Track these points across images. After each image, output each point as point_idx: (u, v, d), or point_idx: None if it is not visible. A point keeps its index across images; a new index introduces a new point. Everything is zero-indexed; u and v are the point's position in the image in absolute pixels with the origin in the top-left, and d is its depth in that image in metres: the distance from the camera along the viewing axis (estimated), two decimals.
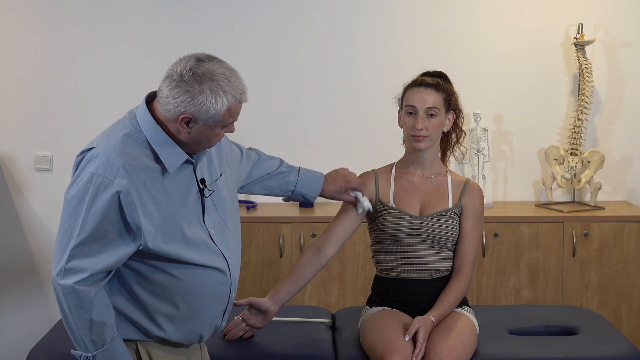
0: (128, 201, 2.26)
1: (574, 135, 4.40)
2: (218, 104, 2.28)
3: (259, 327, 2.93)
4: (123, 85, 4.45)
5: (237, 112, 2.35)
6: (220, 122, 2.31)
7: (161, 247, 2.33)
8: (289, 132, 4.50)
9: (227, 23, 4.45)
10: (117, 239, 2.29)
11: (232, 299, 2.52)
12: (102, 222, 2.26)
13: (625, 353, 2.88)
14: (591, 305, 4.17)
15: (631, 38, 4.50)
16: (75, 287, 2.26)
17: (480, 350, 2.88)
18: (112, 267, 2.31)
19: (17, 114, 4.44)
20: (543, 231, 4.18)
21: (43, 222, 4.48)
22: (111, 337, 2.34)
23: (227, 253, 2.48)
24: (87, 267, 2.27)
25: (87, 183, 2.27)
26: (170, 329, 2.43)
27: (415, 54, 4.45)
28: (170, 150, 2.34)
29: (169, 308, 2.41)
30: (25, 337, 4.39)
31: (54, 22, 4.41)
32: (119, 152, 2.29)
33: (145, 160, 2.32)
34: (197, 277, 2.40)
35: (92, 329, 2.30)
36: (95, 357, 2.33)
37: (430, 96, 2.93)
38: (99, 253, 2.27)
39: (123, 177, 2.26)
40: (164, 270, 2.37)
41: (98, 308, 2.30)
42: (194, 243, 2.39)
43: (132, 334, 2.42)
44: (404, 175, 3.02)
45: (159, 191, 2.33)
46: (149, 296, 2.39)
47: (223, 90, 2.28)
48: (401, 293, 2.96)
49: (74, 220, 2.27)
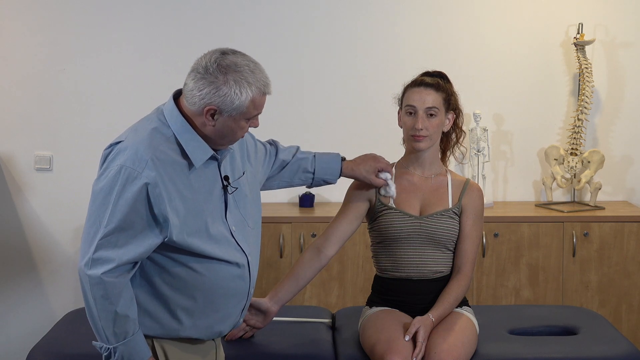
0: (156, 193, 2.30)
1: (574, 135, 4.40)
2: (242, 95, 2.31)
3: (259, 327, 2.94)
4: (123, 85, 4.45)
5: (262, 105, 2.38)
6: (244, 114, 2.34)
7: (185, 240, 2.36)
8: (289, 132, 4.50)
9: (227, 23, 4.45)
10: (144, 230, 2.31)
11: (250, 296, 2.54)
12: (130, 213, 2.29)
13: (625, 353, 2.88)
14: (591, 305, 4.18)
15: (631, 38, 4.50)
16: (103, 278, 2.28)
17: (480, 350, 2.88)
18: (138, 259, 2.33)
19: (17, 114, 4.44)
20: (543, 231, 4.18)
21: (43, 222, 4.48)
22: (133, 331, 2.36)
23: (247, 249, 2.50)
24: (115, 257, 2.29)
25: (116, 175, 2.29)
26: (189, 323, 2.44)
27: (415, 54, 4.45)
28: (196, 145, 2.37)
29: (189, 302, 2.42)
30: (25, 337, 4.39)
31: (54, 22, 4.41)
32: (147, 145, 2.32)
33: (172, 155, 2.35)
34: (217, 272, 2.43)
35: (116, 321, 2.32)
36: (116, 349, 2.35)
37: (430, 96, 2.93)
38: (126, 244, 2.30)
39: (151, 169, 2.29)
40: (186, 264, 2.39)
41: (123, 301, 2.32)
42: (216, 238, 2.42)
43: (150, 329, 2.43)
44: (404, 175, 3.02)
45: (185, 185, 2.36)
46: (170, 290, 2.41)
47: (247, 82, 2.32)
48: (401, 293, 2.96)
49: (102, 211, 2.30)
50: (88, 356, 2.82)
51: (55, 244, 4.48)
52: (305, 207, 4.36)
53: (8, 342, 4.50)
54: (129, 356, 2.36)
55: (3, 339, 4.51)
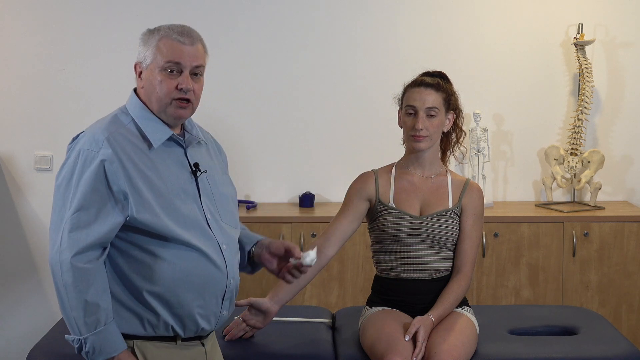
0: (113, 169, 2.28)
1: (574, 135, 4.40)
2: (152, 40, 2.38)
3: (259, 328, 2.93)
4: (123, 85, 4.42)
5: (171, 51, 2.36)
6: (155, 61, 2.36)
7: (148, 219, 2.31)
8: (289, 132, 4.50)
9: (227, 23, 4.45)
10: (104, 208, 2.28)
11: (230, 288, 2.45)
12: (90, 192, 2.28)
13: (625, 353, 2.88)
14: (591, 305, 4.17)
15: (631, 38, 4.50)
16: (73, 263, 2.25)
17: (480, 350, 2.88)
18: (103, 240, 2.29)
19: (17, 114, 4.44)
20: (543, 231, 4.18)
21: (43, 222, 4.48)
22: (105, 321, 2.29)
23: (221, 239, 2.44)
24: (79, 239, 2.27)
25: (75, 160, 2.31)
26: (165, 313, 2.37)
27: (415, 54, 4.45)
28: (154, 125, 2.38)
29: (158, 288, 2.35)
30: (25, 337, 4.39)
31: (54, 22, 4.41)
32: (105, 128, 2.34)
33: (131, 137, 2.35)
34: (185, 258, 2.36)
35: (87, 310, 2.27)
36: (87, 340, 2.29)
37: (430, 96, 2.93)
38: (89, 225, 2.27)
39: (107, 147, 2.29)
40: (151, 250, 2.34)
41: (94, 289, 2.27)
42: (186, 222, 2.37)
43: (129, 327, 2.37)
44: (404, 175, 3.02)
45: (145, 165, 2.34)
46: (139, 278, 2.34)
47: (158, 30, 2.38)
48: (401, 293, 2.96)
49: (66, 198, 2.30)
50: None
51: None
52: (305, 207, 4.36)
53: (8, 342, 4.50)
54: (100, 347, 2.29)
55: (3, 339, 4.51)
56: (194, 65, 2.37)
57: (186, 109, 2.39)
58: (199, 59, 2.38)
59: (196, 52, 2.38)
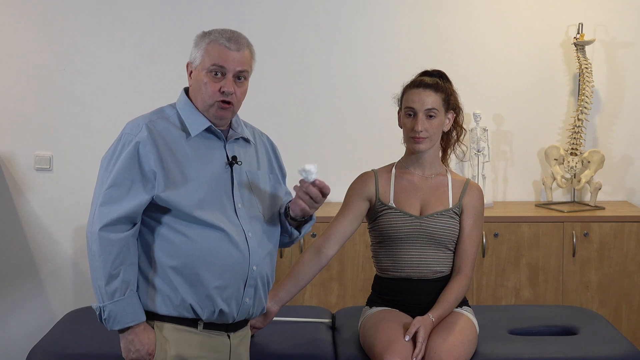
0: (145, 150, 2.44)
1: (574, 135, 4.40)
2: (202, 43, 2.52)
3: (259, 328, 2.93)
4: (123, 85, 4.45)
5: (218, 56, 2.50)
6: (202, 64, 2.50)
7: (173, 198, 2.45)
8: (289, 132, 4.50)
9: (227, 24, 4.40)
10: (134, 185, 2.44)
11: (253, 275, 2.53)
12: (123, 171, 2.44)
13: (625, 353, 2.88)
14: (591, 305, 4.17)
15: (631, 38, 4.50)
16: (100, 234, 2.41)
17: (480, 350, 2.88)
18: (131, 214, 2.43)
19: (17, 114, 4.44)
20: (543, 231, 4.18)
21: (43, 222, 4.48)
22: (125, 292, 2.42)
23: (247, 227, 2.53)
24: (109, 212, 2.42)
25: (117, 142, 2.49)
26: (184, 290, 2.46)
27: (415, 54, 4.45)
28: (194, 117, 2.54)
29: (181, 266, 2.45)
30: (25, 337, 4.39)
31: (54, 22, 4.41)
32: (148, 116, 2.53)
33: (170, 126, 2.52)
34: (208, 238, 2.47)
35: (108, 279, 2.40)
36: (105, 307, 2.42)
37: (429, 97, 2.92)
38: (119, 200, 2.43)
39: (144, 131, 2.47)
40: (178, 230, 2.46)
41: (118, 261, 2.41)
42: (210, 206, 2.49)
43: (151, 302, 2.46)
44: (404, 175, 3.02)
45: (180, 151, 2.49)
46: (164, 256, 2.46)
47: (209, 33, 2.54)
48: (401, 293, 2.96)
49: (104, 176, 2.47)
50: (88, 356, 2.83)
51: (55, 244, 4.48)
52: None
53: (8, 342, 4.50)
54: (116, 316, 2.41)
55: (3, 339, 4.51)
56: (237, 70, 2.53)
57: (227, 110, 2.54)
58: (243, 64, 2.54)
59: (242, 57, 2.54)
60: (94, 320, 3.13)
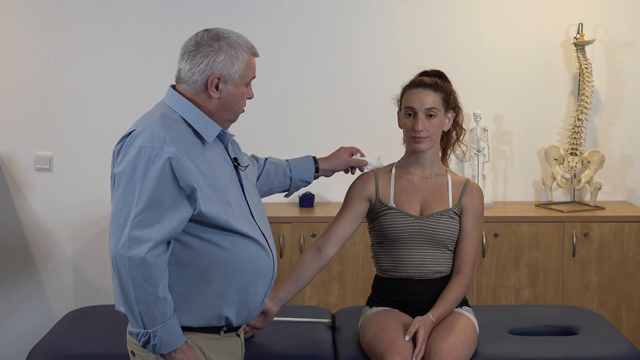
0: (180, 165, 2.32)
1: (574, 135, 4.40)
2: (239, 56, 2.45)
3: (259, 328, 2.93)
4: (123, 85, 4.45)
5: (254, 67, 2.51)
6: (243, 77, 2.46)
7: (212, 212, 2.37)
8: (289, 132, 4.50)
9: (228, 23, 4.42)
10: (173, 205, 2.32)
11: (274, 279, 2.53)
12: (158, 190, 2.30)
13: (625, 353, 2.88)
14: (591, 305, 4.18)
15: (631, 38, 4.50)
16: (146, 259, 2.27)
17: (480, 350, 2.88)
18: (172, 234, 2.33)
19: (17, 114, 4.44)
20: (543, 231, 4.18)
21: (43, 222, 4.48)
22: (170, 314, 2.34)
23: (263, 228, 2.53)
24: (150, 236, 2.29)
25: (137, 156, 2.32)
26: (223, 302, 2.42)
27: (415, 54, 4.45)
28: (204, 122, 2.44)
29: (222, 280, 2.41)
30: (25, 337, 4.39)
31: (54, 22, 4.41)
32: (161, 125, 2.36)
33: (185, 134, 2.40)
34: (244, 248, 2.43)
35: (157, 304, 2.30)
36: (156, 332, 2.32)
37: (429, 97, 2.92)
38: (159, 221, 2.30)
39: (170, 144, 2.33)
40: (212, 241, 2.39)
41: (163, 283, 2.31)
42: (236, 214, 2.44)
43: (183, 317, 2.41)
44: (404, 175, 3.02)
45: (202, 162, 2.40)
46: (197, 269, 2.39)
47: (238, 44, 2.46)
48: (401, 293, 2.96)
49: (130, 193, 2.31)
50: (88, 356, 2.83)
51: (55, 244, 4.48)
52: (305, 207, 4.36)
53: (8, 342, 4.50)
54: (167, 339, 2.33)
55: (3, 339, 4.51)
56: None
57: None
58: None
59: None
60: (94, 320, 3.14)
